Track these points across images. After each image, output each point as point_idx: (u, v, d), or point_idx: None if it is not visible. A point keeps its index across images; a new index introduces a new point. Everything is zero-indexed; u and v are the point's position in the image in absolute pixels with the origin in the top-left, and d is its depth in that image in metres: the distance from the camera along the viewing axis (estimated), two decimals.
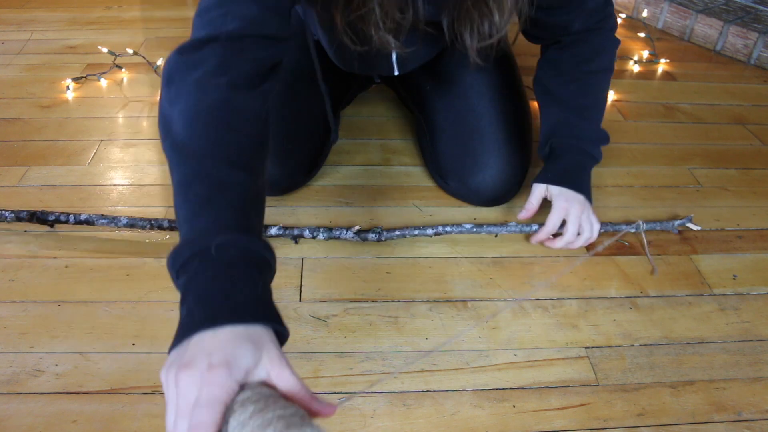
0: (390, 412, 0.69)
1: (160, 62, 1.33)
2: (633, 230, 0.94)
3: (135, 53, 1.41)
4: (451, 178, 0.99)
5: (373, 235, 0.90)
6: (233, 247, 0.48)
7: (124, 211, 0.96)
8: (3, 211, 0.91)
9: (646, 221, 0.95)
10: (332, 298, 0.83)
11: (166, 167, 1.05)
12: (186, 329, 0.45)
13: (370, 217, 0.97)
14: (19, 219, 0.90)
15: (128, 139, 1.13)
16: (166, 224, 0.91)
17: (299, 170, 0.99)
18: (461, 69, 0.99)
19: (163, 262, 0.87)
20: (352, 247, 0.91)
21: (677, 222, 0.97)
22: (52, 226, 0.92)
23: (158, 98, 1.24)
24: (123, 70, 1.37)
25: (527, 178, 1.00)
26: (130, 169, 1.05)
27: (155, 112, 1.21)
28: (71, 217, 0.91)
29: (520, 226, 0.93)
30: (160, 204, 0.97)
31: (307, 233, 0.91)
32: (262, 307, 0.47)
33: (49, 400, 0.69)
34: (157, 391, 0.70)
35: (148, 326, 0.78)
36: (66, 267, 0.86)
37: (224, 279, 0.46)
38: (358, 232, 0.90)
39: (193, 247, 0.48)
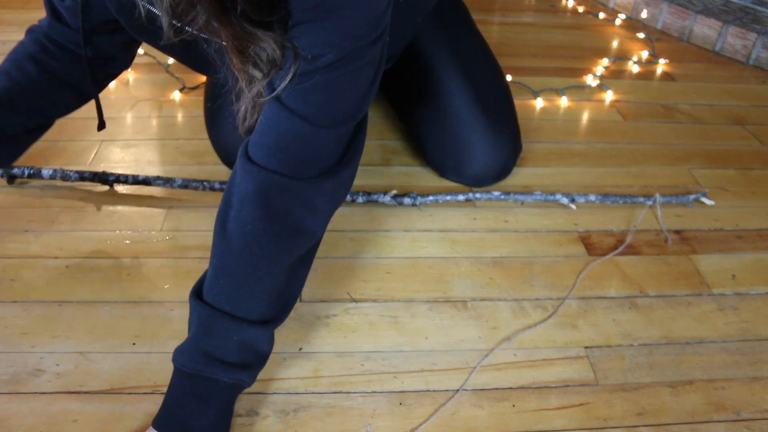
0: (390, 411, 0.69)
1: (171, 61, 1.33)
2: (649, 203, 0.99)
3: (145, 53, 1.40)
4: (449, 173, 1.05)
5: (409, 200, 0.99)
6: None
7: (125, 210, 0.96)
8: (68, 172, 0.99)
9: (663, 195, 1.01)
10: (332, 298, 0.83)
11: (167, 167, 1.07)
12: None
13: (370, 216, 0.97)
14: (82, 178, 0.99)
15: (129, 139, 1.13)
16: (217, 186, 0.98)
17: None
18: (427, 73, 1.01)
19: (164, 261, 0.87)
20: (352, 247, 0.91)
21: (692, 197, 1.02)
22: (111, 186, 1.01)
23: (162, 98, 1.24)
24: (129, 69, 1.36)
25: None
26: (130, 169, 1.05)
27: (161, 113, 1.21)
28: (130, 177, 0.99)
29: (545, 195, 1.00)
30: (161, 204, 0.97)
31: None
32: None
33: (50, 399, 0.69)
34: (157, 391, 0.70)
35: (148, 326, 0.78)
36: (66, 267, 0.86)
37: None
38: (395, 197, 0.98)
39: None
